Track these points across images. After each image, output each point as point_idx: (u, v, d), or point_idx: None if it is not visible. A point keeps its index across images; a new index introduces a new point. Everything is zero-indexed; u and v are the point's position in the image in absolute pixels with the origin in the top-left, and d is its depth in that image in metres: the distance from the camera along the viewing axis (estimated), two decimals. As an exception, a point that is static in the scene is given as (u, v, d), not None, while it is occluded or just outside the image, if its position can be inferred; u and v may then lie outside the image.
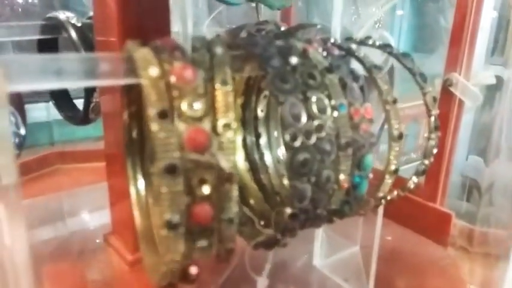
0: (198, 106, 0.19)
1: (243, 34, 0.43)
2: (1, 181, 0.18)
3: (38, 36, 0.46)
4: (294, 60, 0.24)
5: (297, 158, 0.22)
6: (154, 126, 0.18)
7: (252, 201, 0.31)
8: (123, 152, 0.27)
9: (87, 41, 0.44)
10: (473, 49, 0.43)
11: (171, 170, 0.18)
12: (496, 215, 0.48)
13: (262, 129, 0.34)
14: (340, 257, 0.40)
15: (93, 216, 0.47)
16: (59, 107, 0.50)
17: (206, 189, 0.19)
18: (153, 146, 0.18)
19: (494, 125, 0.52)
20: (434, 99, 0.28)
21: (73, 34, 0.44)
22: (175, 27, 0.55)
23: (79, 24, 0.44)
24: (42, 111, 0.56)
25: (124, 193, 0.34)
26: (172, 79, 0.19)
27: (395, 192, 0.30)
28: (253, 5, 0.47)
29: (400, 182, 0.30)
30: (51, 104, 0.52)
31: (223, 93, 0.20)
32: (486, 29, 0.46)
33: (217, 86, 0.20)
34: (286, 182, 0.33)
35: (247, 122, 0.33)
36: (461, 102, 0.43)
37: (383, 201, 0.29)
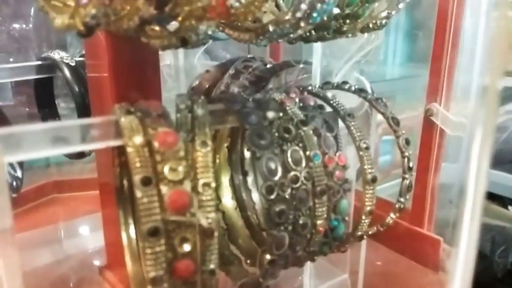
0: (179, 169, 0.21)
1: (232, 70, 0.45)
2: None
3: (34, 76, 0.49)
4: (270, 115, 0.26)
5: (273, 209, 0.23)
6: (138, 193, 0.19)
7: (240, 240, 0.33)
8: (115, 199, 0.29)
9: (81, 78, 0.47)
10: (451, 79, 0.45)
11: (154, 233, 0.19)
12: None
13: (249, 168, 0.36)
14: (330, 285, 0.41)
15: (91, 248, 0.48)
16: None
17: (187, 247, 0.20)
18: (137, 210, 0.19)
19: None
20: (407, 141, 0.30)
21: (67, 73, 0.46)
22: (167, 59, 0.57)
23: (73, 64, 0.47)
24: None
25: (117, 226, 0.36)
26: (156, 145, 0.21)
27: (375, 228, 0.32)
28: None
29: (385, 205, 0.31)
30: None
31: (203, 154, 0.22)
32: (466, 55, 0.47)
33: (198, 147, 0.22)
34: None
35: (234, 162, 0.35)
36: (442, 131, 0.45)
37: (363, 238, 0.31)
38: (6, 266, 0.20)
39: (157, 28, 0.22)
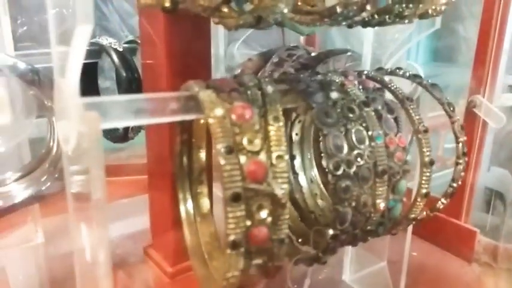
0: (256, 141, 0.22)
1: (275, 59, 0.46)
2: (92, 196, 0.20)
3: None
4: (334, 95, 0.26)
5: (340, 185, 0.24)
6: (222, 161, 0.20)
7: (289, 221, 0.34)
8: (169, 176, 0.30)
9: (128, 64, 0.48)
10: (496, 71, 0.45)
11: (235, 198, 0.20)
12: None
13: (296, 152, 0.37)
14: (369, 272, 0.42)
15: (132, 228, 0.50)
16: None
17: (264, 214, 0.21)
18: (221, 177, 0.20)
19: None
20: (462, 127, 0.30)
21: (115, 58, 0.47)
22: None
23: (120, 49, 0.48)
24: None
25: (164, 207, 0.37)
26: (233, 117, 0.22)
27: (424, 213, 0.32)
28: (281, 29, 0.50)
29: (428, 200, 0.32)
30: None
31: (276, 129, 0.23)
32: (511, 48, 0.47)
33: (271, 122, 0.23)
34: (320, 201, 0.35)
35: (284, 145, 0.36)
36: (485, 123, 0.45)
37: (415, 221, 0.31)
38: (99, 232, 0.21)
39: (231, 10, 0.23)
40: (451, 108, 0.30)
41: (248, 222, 0.21)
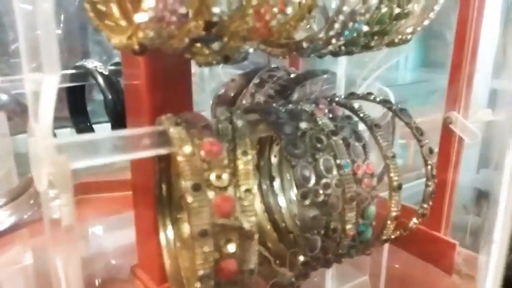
0: (224, 176, 0.23)
1: (256, 80, 0.47)
2: (63, 223, 0.21)
3: (68, 84, 0.51)
4: (303, 125, 0.27)
5: (307, 214, 0.25)
6: (189, 198, 0.21)
7: (268, 242, 0.35)
8: (154, 202, 0.31)
9: (113, 86, 0.49)
10: (471, 88, 0.46)
11: (203, 234, 0.21)
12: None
13: (275, 173, 0.38)
14: (350, 287, 0.43)
15: (119, 247, 0.50)
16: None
17: (232, 248, 0.22)
18: (188, 214, 0.21)
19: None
20: (431, 150, 0.31)
21: (101, 81, 0.48)
22: (192, 68, 0.59)
23: (106, 73, 0.49)
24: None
25: (150, 226, 0.38)
26: (202, 154, 0.23)
27: (398, 232, 0.33)
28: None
29: (405, 211, 0.33)
30: (73, 130, 0.56)
31: (244, 163, 0.24)
32: (485, 66, 0.49)
33: (239, 156, 0.24)
34: (298, 222, 0.36)
35: (262, 168, 0.37)
36: (461, 139, 0.46)
37: (387, 241, 0.32)
38: (70, 260, 0.22)
39: (203, 47, 0.24)
40: (419, 133, 0.31)
41: (217, 256, 0.22)
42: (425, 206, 0.32)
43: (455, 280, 0.48)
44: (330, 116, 0.29)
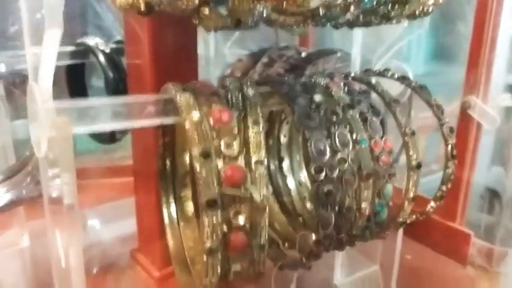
0: (234, 145, 0.21)
1: (265, 59, 0.46)
2: (64, 201, 0.20)
3: (68, 62, 0.49)
4: (318, 98, 0.26)
5: (322, 190, 0.24)
6: (197, 166, 0.20)
7: (276, 224, 0.33)
8: (156, 177, 0.30)
9: (115, 64, 0.47)
10: (491, 72, 0.44)
11: (212, 204, 0.20)
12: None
13: (284, 154, 0.36)
14: (360, 276, 0.41)
15: (123, 231, 0.49)
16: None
17: (241, 220, 0.21)
18: (196, 183, 0.20)
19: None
20: (451, 129, 0.30)
21: (102, 59, 0.46)
22: (199, 49, 0.58)
23: (107, 50, 0.47)
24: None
25: (151, 210, 0.37)
26: (211, 121, 0.22)
27: (414, 216, 0.32)
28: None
29: (419, 201, 0.31)
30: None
31: (255, 133, 0.23)
32: (504, 49, 0.46)
33: (250, 126, 0.23)
34: (308, 204, 0.35)
35: (271, 147, 0.35)
36: (479, 124, 0.44)
37: (403, 225, 0.31)
38: (71, 238, 0.21)
39: (211, 11, 0.23)
40: (440, 111, 0.30)
41: (225, 228, 0.21)
42: (443, 188, 0.30)
43: (469, 271, 0.47)
44: (346, 90, 0.28)
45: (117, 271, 0.42)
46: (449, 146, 0.30)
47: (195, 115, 0.21)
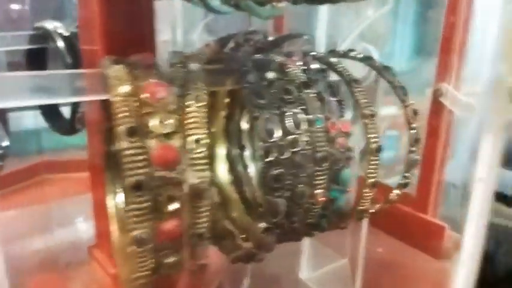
0: (168, 123, 0.19)
1: (231, 44, 0.44)
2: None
3: (26, 46, 0.47)
4: (270, 75, 0.24)
5: (270, 173, 0.22)
6: (122, 144, 0.18)
7: (234, 214, 0.31)
8: (103, 165, 0.27)
9: (75, 50, 0.45)
10: (463, 58, 0.43)
11: (138, 187, 0.18)
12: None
13: (246, 142, 0.34)
14: (328, 270, 0.40)
15: (81, 228, 0.47)
16: (46, 116, 0.50)
17: (174, 206, 0.19)
18: (121, 163, 0.18)
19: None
20: (415, 112, 0.28)
21: (60, 44, 0.44)
22: (166, 35, 0.55)
23: (66, 34, 0.45)
24: (31, 119, 0.57)
25: (106, 204, 0.34)
26: (144, 96, 0.19)
27: (378, 205, 0.30)
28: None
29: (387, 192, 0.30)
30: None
31: (196, 109, 0.20)
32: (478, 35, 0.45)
33: (190, 101, 0.20)
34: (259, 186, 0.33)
35: (232, 134, 0.33)
36: (451, 114, 0.43)
37: (366, 214, 0.29)
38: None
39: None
40: (403, 92, 0.28)
41: (156, 216, 0.19)
42: (407, 174, 0.29)
43: (444, 265, 0.45)
44: (304, 68, 0.26)
45: (75, 267, 0.40)
46: (413, 130, 0.28)
47: (124, 89, 0.19)
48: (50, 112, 0.51)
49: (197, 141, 0.20)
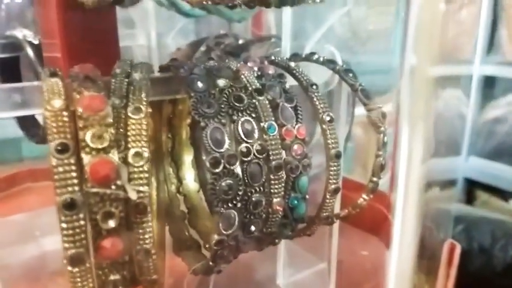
0: (105, 137, 0.19)
1: (203, 48, 0.43)
2: None
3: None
4: (221, 82, 0.23)
5: (220, 184, 0.21)
6: (53, 161, 0.17)
7: (200, 223, 0.31)
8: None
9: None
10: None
11: (70, 206, 0.17)
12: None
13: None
14: (307, 275, 0.39)
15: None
16: (21, 125, 0.50)
17: (112, 223, 0.18)
18: (53, 181, 0.17)
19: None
20: (383, 115, 0.27)
21: (30, 52, 0.44)
22: (140, 40, 0.55)
23: (36, 42, 0.45)
24: (11, 128, 0.56)
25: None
26: (79, 109, 0.19)
27: (346, 210, 0.29)
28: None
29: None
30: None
31: (136, 122, 0.20)
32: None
33: (130, 114, 0.20)
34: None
35: (197, 141, 0.33)
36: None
37: (333, 219, 0.28)
38: None
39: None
40: (366, 96, 0.27)
41: (93, 233, 0.18)
42: (375, 179, 0.28)
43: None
44: (259, 74, 0.25)
45: (58, 277, 0.40)
46: (381, 134, 0.27)
47: (57, 103, 0.18)
48: (26, 120, 0.50)
49: (136, 154, 0.19)
